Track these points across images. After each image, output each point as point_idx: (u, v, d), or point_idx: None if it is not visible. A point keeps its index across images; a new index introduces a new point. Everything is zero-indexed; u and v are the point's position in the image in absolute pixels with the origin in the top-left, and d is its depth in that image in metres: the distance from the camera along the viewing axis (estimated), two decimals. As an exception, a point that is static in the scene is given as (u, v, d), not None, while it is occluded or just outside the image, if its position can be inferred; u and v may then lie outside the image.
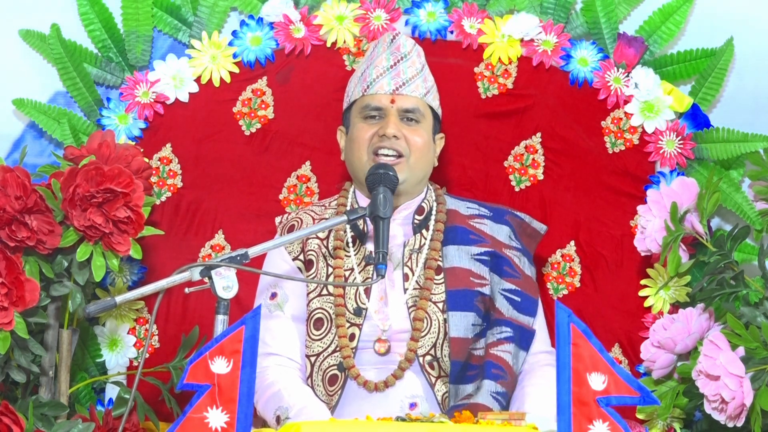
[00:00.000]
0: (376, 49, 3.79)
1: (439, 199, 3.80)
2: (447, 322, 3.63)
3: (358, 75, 3.79)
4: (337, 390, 3.61)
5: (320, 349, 3.64)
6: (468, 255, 3.73)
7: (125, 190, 3.49)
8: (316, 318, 3.66)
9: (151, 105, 4.02)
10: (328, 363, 3.63)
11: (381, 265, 3.38)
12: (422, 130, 3.72)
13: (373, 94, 3.72)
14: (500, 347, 3.64)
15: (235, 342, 2.75)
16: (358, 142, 3.71)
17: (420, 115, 3.72)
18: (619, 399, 2.73)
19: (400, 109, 3.71)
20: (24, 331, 3.44)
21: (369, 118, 3.72)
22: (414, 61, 3.76)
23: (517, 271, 3.74)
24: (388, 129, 3.67)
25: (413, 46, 3.78)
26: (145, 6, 4.05)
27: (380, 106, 3.71)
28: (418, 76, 3.75)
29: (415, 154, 3.69)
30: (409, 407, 3.59)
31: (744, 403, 3.47)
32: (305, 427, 2.92)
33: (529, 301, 3.73)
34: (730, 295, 3.64)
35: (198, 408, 2.71)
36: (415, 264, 3.70)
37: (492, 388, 3.58)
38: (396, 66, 3.73)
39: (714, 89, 4.08)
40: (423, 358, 3.63)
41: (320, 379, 3.62)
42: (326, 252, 3.70)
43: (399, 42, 3.76)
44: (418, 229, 3.74)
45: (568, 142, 4.10)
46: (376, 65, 3.74)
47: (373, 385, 3.59)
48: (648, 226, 3.78)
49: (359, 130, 3.72)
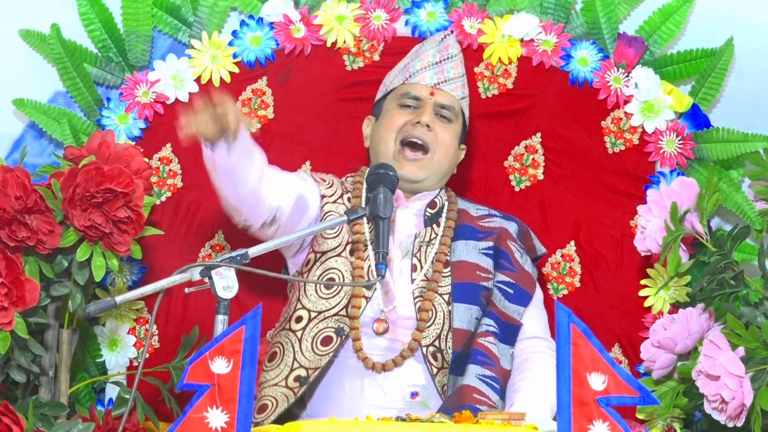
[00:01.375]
0: (423, 46, 3.87)
1: (451, 199, 3.85)
2: (451, 314, 3.65)
3: (399, 67, 3.86)
4: (328, 352, 3.61)
5: (324, 308, 3.66)
6: (476, 249, 3.76)
7: (125, 190, 3.49)
8: (329, 278, 3.69)
9: (151, 105, 4.02)
10: (326, 324, 3.64)
11: (381, 265, 3.39)
12: (452, 130, 3.80)
13: (414, 83, 3.79)
14: (486, 338, 3.67)
15: (235, 342, 2.75)
16: (388, 126, 3.77)
17: (453, 115, 3.80)
18: (619, 399, 2.73)
19: (437, 103, 3.78)
20: (24, 331, 3.44)
21: (405, 106, 3.79)
22: (458, 65, 3.85)
23: (515, 265, 3.77)
24: (424, 117, 3.74)
25: (459, 51, 3.89)
26: (145, 6, 4.05)
27: (419, 96, 3.78)
28: (459, 79, 3.84)
29: (440, 152, 3.76)
30: (410, 396, 3.60)
31: (744, 403, 3.47)
32: (305, 427, 2.92)
33: (522, 293, 3.76)
34: (730, 295, 3.64)
35: (198, 408, 2.71)
36: (424, 256, 3.72)
37: (477, 371, 3.61)
38: (441, 63, 3.82)
39: (714, 89, 4.09)
40: (426, 349, 3.64)
41: (313, 336, 3.63)
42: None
43: (449, 42, 3.87)
44: (429, 222, 3.78)
45: (568, 142, 4.10)
46: (422, 59, 3.82)
47: (371, 363, 3.60)
48: (648, 226, 3.78)
49: (393, 115, 3.78)
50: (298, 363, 3.63)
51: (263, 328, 3.96)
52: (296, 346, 3.65)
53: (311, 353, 3.62)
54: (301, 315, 3.68)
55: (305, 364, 3.62)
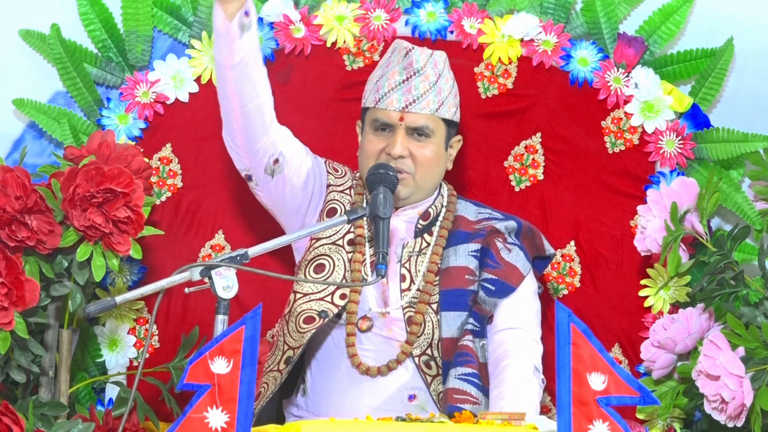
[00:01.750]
0: (392, 56, 3.78)
1: (450, 206, 3.80)
2: (440, 323, 3.64)
3: (374, 80, 3.78)
4: (310, 329, 3.63)
5: (310, 290, 3.68)
6: (465, 252, 3.73)
7: (125, 190, 3.49)
8: (318, 263, 3.69)
9: (151, 105, 4.02)
10: (311, 306, 3.66)
11: (381, 264, 3.39)
12: (431, 144, 3.72)
13: (383, 109, 3.71)
14: (466, 337, 3.65)
15: (235, 342, 2.75)
16: (368, 154, 3.72)
17: (430, 131, 3.72)
18: (619, 399, 2.73)
19: (409, 127, 3.70)
20: (24, 331, 3.44)
21: (379, 130, 3.73)
22: (428, 75, 3.73)
23: (498, 262, 3.72)
24: (394, 150, 3.67)
25: (428, 59, 3.74)
26: (145, 6, 4.05)
27: (389, 122, 3.71)
28: (431, 90, 3.72)
29: (420, 170, 3.70)
30: (407, 398, 3.60)
31: (744, 403, 3.47)
32: (305, 427, 2.92)
33: (504, 287, 3.70)
34: (730, 295, 3.64)
35: (198, 408, 2.71)
36: (414, 267, 3.71)
37: (457, 372, 3.59)
38: (408, 81, 3.71)
39: (714, 89, 4.08)
40: (419, 358, 3.64)
41: (297, 315, 3.66)
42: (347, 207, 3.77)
43: (413, 57, 3.73)
44: (419, 233, 3.74)
45: (568, 142, 4.10)
46: (388, 77, 3.73)
47: (366, 367, 3.62)
48: (648, 226, 3.78)
49: (369, 141, 3.73)
50: (288, 345, 3.66)
51: (263, 328, 3.97)
52: (284, 329, 3.68)
53: (296, 333, 3.64)
54: (290, 298, 3.71)
55: (292, 344, 3.65)
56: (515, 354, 3.64)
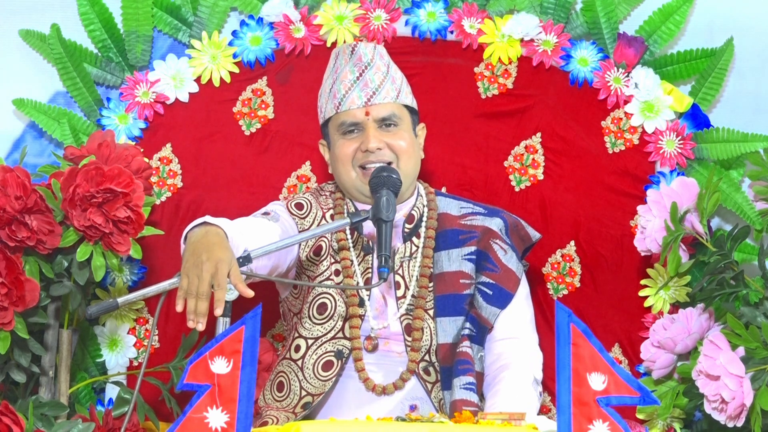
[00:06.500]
0: (337, 61, 3.74)
1: (431, 204, 3.79)
2: (436, 329, 3.64)
3: (327, 90, 3.74)
4: (331, 377, 3.61)
5: (320, 333, 3.64)
6: (459, 257, 3.72)
7: (125, 190, 3.49)
8: (320, 303, 3.67)
9: (151, 105, 4.02)
10: (325, 349, 3.63)
11: (383, 268, 3.37)
12: (402, 131, 3.70)
13: (347, 110, 3.68)
14: (464, 343, 3.65)
15: (235, 342, 2.75)
16: (343, 160, 3.69)
17: (397, 119, 3.70)
18: (619, 399, 2.73)
19: (377, 119, 3.67)
20: (24, 331, 3.45)
21: (348, 133, 3.69)
22: (379, 67, 3.72)
23: (497, 265, 3.72)
24: (370, 144, 3.65)
25: (374, 51, 3.73)
26: (145, 6, 4.05)
27: (356, 120, 3.68)
28: (386, 80, 3.71)
29: (402, 158, 3.68)
30: (408, 409, 3.59)
31: (744, 403, 3.47)
32: (305, 427, 2.92)
33: (502, 294, 3.70)
34: (730, 295, 3.64)
35: (198, 408, 2.71)
36: (407, 273, 3.70)
37: (461, 382, 3.59)
38: (362, 77, 3.69)
39: (714, 89, 4.09)
40: (418, 365, 3.63)
41: (313, 363, 3.62)
42: (332, 244, 3.71)
43: (360, 52, 3.71)
44: (407, 237, 3.73)
45: (568, 142, 4.10)
46: (342, 80, 3.70)
47: (372, 384, 3.60)
48: (648, 226, 3.78)
49: (341, 147, 3.69)
50: (306, 391, 3.62)
51: (263, 328, 3.98)
52: (299, 375, 3.64)
53: (315, 380, 3.62)
54: (299, 344, 3.67)
55: (311, 391, 3.62)
56: (514, 365, 3.65)
